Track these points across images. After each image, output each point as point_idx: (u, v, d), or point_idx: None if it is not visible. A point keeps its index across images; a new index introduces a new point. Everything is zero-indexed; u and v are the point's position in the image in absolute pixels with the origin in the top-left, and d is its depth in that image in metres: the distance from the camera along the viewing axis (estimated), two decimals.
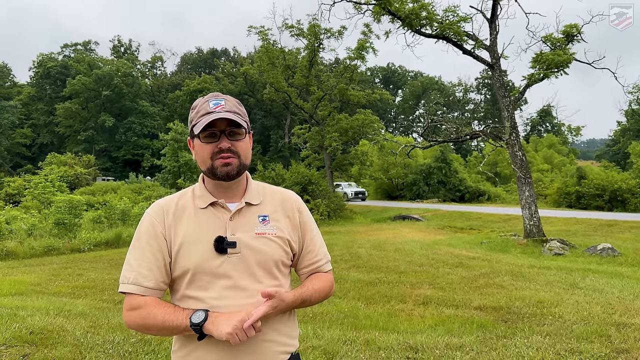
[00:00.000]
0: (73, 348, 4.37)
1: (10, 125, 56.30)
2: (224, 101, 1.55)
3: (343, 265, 10.82)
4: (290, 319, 1.62)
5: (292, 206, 1.67)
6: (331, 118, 32.38)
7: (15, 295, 8.32)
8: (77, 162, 42.88)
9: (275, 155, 57.29)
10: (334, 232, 18.68)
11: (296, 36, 31.66)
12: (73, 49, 67.31)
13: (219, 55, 75.14)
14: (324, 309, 7.01)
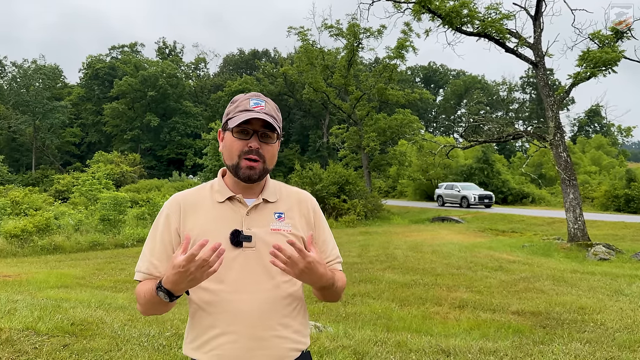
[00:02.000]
0: (110, 340, 4.51)
1: (60, 124, 58.69)
2: (264, 103, 1.57)
3: (378, 266, 10.76)
4: (301, 315, 1.61)
5: (308, 206, 1.68)
6: (369, 118, 32.23)
7: (60, 287, 8.68)
8: (123, 160, 44.32)
9: (314, 155, 57.45)
10: (371, 233, 18.59)
11: (335, 36, 31.69)
12: (120, 50, 69.57)
13: (260, 56, 76.02)
14: (357, 309, 6.99)
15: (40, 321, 5.11)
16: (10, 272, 10.83)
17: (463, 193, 30.13)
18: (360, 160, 33.70)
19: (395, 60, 31.08)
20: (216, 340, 1.50)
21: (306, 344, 1.62)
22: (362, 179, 29.93)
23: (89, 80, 65.89)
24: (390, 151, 34.70)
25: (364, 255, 12.53)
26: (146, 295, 1.46)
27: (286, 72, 38.27)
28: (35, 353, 4.16)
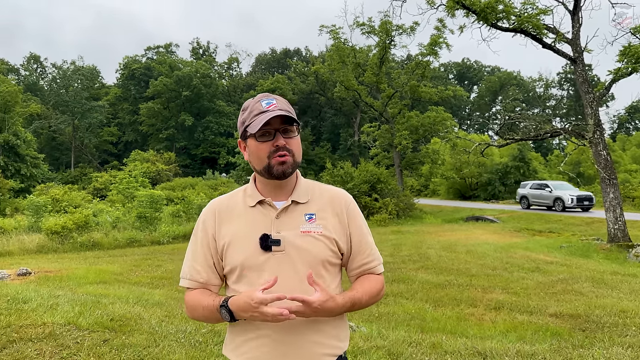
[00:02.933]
0: (148, 336, 4.62)
1: (98, 124, 60.41)
2: (276, 100, 1.57)
3: (411, 266, 10.67)
4: (339, 321, 1.60)
5: (341, 205, 1.64)
6: (401, 116, 31.93)
7: (99, 283, 8.93)
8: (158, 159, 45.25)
9: (345, 153, 57.33)
10: (403, 232, 18.43)
11: (367, 34, 31.51)
12: (155, 51, 71.00)
13: (292, 55, 76.33)
14: (390, 310, 6.95)
15: (81, 316, 5.27)
16: (52, 267, 11.21)
17: (557, 194, 25.49)
18: (392, 159, 33.45)
19: (428, 57, 30.69)
20: (249, 344, 1.53)
21: (343, 349, 1.60)
22: (394, 178, 29.70)
23: (126, 81, 67.51)
24: (422, 149, 34.31)
25: (397, 255, 12.43)
26: (206, 308, 1.52)
27: (317, 71, 38.30)
28: (76, 347, 4.29)
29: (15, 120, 44.31)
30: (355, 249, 1.63)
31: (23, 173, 40.62)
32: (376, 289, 1.63)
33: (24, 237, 15.22)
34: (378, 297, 1.66)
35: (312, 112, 67.75)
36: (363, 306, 1.62)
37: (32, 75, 68.67)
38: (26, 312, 5.40)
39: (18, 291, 6.69)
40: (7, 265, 11.17)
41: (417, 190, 44.31)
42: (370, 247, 1.67)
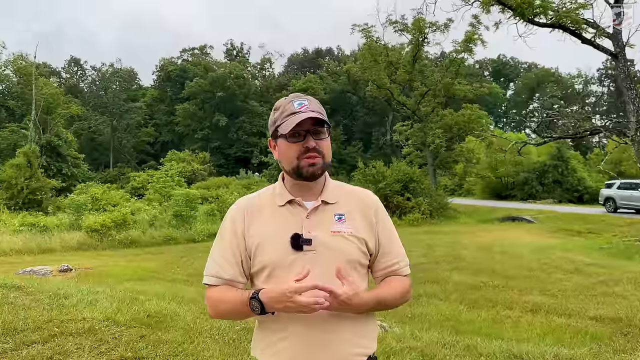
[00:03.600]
0: (183, 332, 4.70)
1: (136, 125, 61.97)
2: (308, 101, 1.57)
3: (445, 267, 10.54)
4: (368, 320, 1.59)
5: (369, 206, 1.64)
6: (435, 114, 31.54)
7: (137, 280, 9.16)
8: (193, 158, 46.07)
9: (377, 152, 56.98)
10: (436, 232, 18.22)
11: (400, 31, 31.25)
12: (191, 53, 72.21)
13: (324, 54, 76.37)
14: (423, 310, 6.88)
15: (119, 312, 5.41)
16: (91, 264, 11.58)
17: None
18: (425, 158, 33.08)
19: (463, 54, 30.24)
20: (279, 344, 1.53)
21: (372, 349, 1.59)
22: (427, 177, 29.35)
23: (162, 82, 68.96)
24: (457, 148, 33.79)
25: (430, 255, 12.30)
26: (232, 302, 1.52)
27: (349, 70, 38.21)
28: (115, 343, 4.41)
29: (57, 121, 45.90)
30: (383, 250, 1.62)
31: (64, 173, 41.99)
32: (402, 291, 1.61)
33: (65, 235, 15.75)
34: (404, 299, 1.63)
35: (343, 111, 67.64)
36: (388, 306, 1.61)
37: (73, 78, 70.92)
38: (67, 308, 5.59)
39: (59, 287, 6.93)
40: (49, 261, 11.58)
41: (451, 190, 43.62)
42: (397, 249, 1.65)
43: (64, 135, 44.72)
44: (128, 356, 4.08)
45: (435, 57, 46.73)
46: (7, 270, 9.91)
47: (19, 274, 9.43)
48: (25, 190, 25.99)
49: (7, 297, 6.04)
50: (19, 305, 5.65)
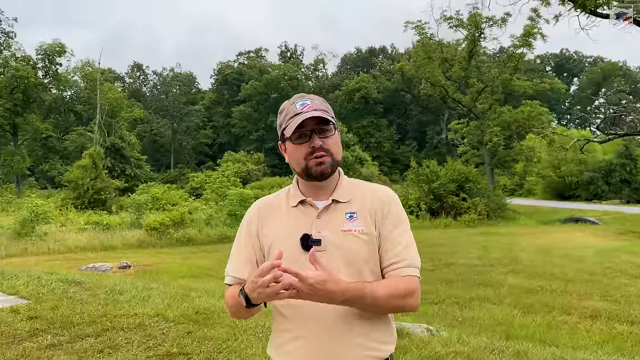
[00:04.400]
0: (228, 329, 4.77)
1: (195, 127, 63.99)
2: (310, 101, 1.55)
3: (500, 270, 10.20)
4: (382, 323, 1.54)
5: (380, 202, 1.58)
6: (492, 111, 30.57)
7: (191, 277, 9.42)
8: (248, 159, 46.97)
9: (432, 152, 55.92)
10: (493, 234, 17.66)
11: (455, 27, 30.55)
12: (246, 56, 73.76)
13: (377, 53, 75.83)
14: (475, 314, 6.67)
15: (169, 308, 5.58)
16: (150, 261, 12.03)
17: None
18: (482, 157, 32.14)
19: (522, 49, 29.14)
20: (290, 344, 1.52)
21: (388, 352, 1.55)
22: (484, 177, 28.48)
23: (219, 86, 70.81)
24: (516, 146, 32.59)
25: (485, 258, 11.95)
26: (234, 300, 1.52)
27: (402, 68, 37.73)
28: (162, 338, 4.54)
29: (121, 124, 48.13)
30: (383, 247, 1.54)
31: (128, 173, 44.00)
32: (400, 290, 1.48)
33: (127, 233, 16.45)
34: (404, 302, 1.49)
35: (397, 110, 66.89)
36: (382, 304, 1.47)
37: (136, 83, 74.10)
38: (121, 303, 5.82)
39: (116, 283, 7.23)
40: (110, 258, 12.13)
41: (510, 190, 42.15)
42: (399, 247, 1.54)
43: (128, 137, 46.84)
44: (174, 352, 4.19)
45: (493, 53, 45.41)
46: (71, 267, 10.47)
47: (82, 270, 9.94)
48: (90, 191, 27.38)
49: (67, 292, 6.37)
50: (77, 299, 5.95)
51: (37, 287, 6.59)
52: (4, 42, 51.98)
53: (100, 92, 43.62)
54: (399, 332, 4.90)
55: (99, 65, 48.19)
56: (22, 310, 5.34)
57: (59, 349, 4.21)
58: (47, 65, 47.44)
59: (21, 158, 43.06)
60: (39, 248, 13.56)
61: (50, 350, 4.19)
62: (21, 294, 6.28)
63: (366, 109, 61.44)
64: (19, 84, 43.01)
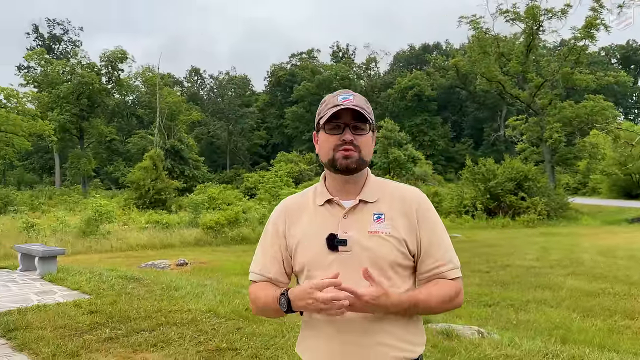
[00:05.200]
0: (277, 326, 4.85)
1: (249, 128, 65.37)
2: (352, 96, 1.53)
3: (560, 272, 9.79)
4: (411, 324, 1.52)
5: (412, 204, 1.55)
6: (552, 107, 29.32)
7: (243, 274, 9.60)
8: (301, 159, 47.42)
9: (489, 149, 54.32)
10: (553, 234, 16.96)
11: (512, 21, 29.57)
12: (299, 57, 74.53)
13: (431, 50, 74.59)
14: (531, 317, 6.44)
15: (220, 305, 5.73)
16: (205, 259, 12.38)
17: None
18: (542, 154, 30.90)
19: (584, 41, 27.79)
20: (315, 342, 1.53)
21: (417, 353, 1.52)
22: (544, 175, 27.38)
23: (273, 87, 71.93)
24: (578, 143, 31.12)
25: (544, 259, 11.51)
26: (267, 298, 1.54)
27: (457, 64, 36.88)
28: (213, 333, 4.67)
29: (180, 127, 49.87)
30: (425, 252, 1.53)
31: (186, 174, 45.56)
32: (446, 295, 1.50)
33: (184, 231, 17.01)
34: (451, 305, 1.52)
35: (452, 107, 65.49)
36: (431, 310, 1.51)
37: (194, 87, 76.51)
38: (175, 299, 6.04)
39: (172, 279, 7.51)
40: (169, 256, 12.58)
41: (572, 189, 40.31)
42: (442, 250, 1.54)
43: (186, 140, 48.48)
44: (223, 347, 4.30)
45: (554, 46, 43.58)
46: (131, 264, 10.95)
47: (141, 267, 10.38)
48: (151, 191, 28.52)
49: (126, 288, 6.68)
50: (134, 295, 6.23)
51: (98, 283, 6.95)
52: (70, 50, 55.18)
53: (159, 97, 45.42)
54: (448, 333, 4.82)
55: (158, 70, 50.24)
56: (83, 305, 5.65)
57: (116, 342, 4.42)
58: (110, 72, 49.90)
59: (87, 160, 45.53)
60: (103, 246, 14.26)
61: (108, 343, 4.41)
62: (83, 289, 6.65)
63: (419, 107, 60.55)
64: (84, 90, 45.48)
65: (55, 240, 13.87)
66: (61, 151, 49.27)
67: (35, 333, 4.64)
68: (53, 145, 45.58)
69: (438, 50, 73.98)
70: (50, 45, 56.80)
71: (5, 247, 12.16)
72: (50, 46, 56.55)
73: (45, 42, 56.72)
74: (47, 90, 45.44)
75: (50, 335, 4.57)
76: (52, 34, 57.29)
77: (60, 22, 57.26)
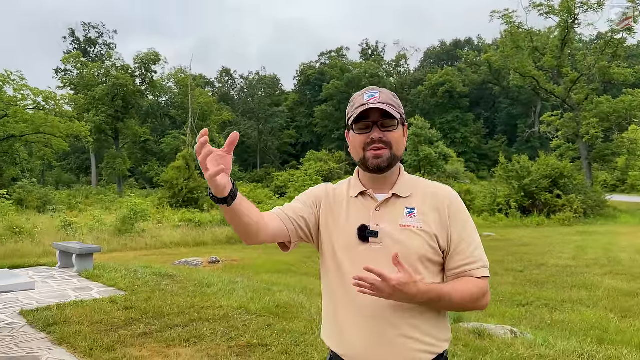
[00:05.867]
0: (307, 323, 4.88)
1: (279, 127, 65.76)
2: (379, 93, 1.55)
3: (597, 271, 9.55)
4: (437, 319, 1.52)
5: (443, 201, 1.56)
6: (589, 102, 28.49)
7: (274, 272, 9.72)
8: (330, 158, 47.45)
9: (522, 146, 53.11)
10: (590, 233, 16.51)
11: (545, 14, 28.85)
12: (328, 56, 74.48)
13: (462, 45, 73.39)
14: (566, 317, 6.30)
15: (251, 302, 5.81)
16: (237, 257, 12.56)
17: None
18: (578, 151, 30.07)
19: (621, 34, 26.87)
20: (343, 331, 1.54)
21: (442, 348, 1.53)
22: (581, 172, 26.64)
23: (302, 86, 72.13)
24: (616, 139, 30.14)
25: (580, 258, 11.24)
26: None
27: (489, 59, 36.21)
28: (244, 329, 4.74)
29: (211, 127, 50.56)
30: (454, 249, 1.53)
31: None
32: (473, 293, 1.49)
33: (216, 230, 17.26)
34: (477, 304, 1.51)
35: (485, 104, 64.32)
36: (454, 306, 1.50)
37: (224, 87, 77.45)
38: (208, 296, 6.15)
39: (205, 277, 7.65)
40: (201, 253, 12.81)
41: (611, 186, 39.05)
42: (472, 248, 1.53)
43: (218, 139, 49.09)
44: (254, 342, 4.36)
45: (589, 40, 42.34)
46: (165, 261, 11.19)
47: (175, 265, 10.59)
48: (184, 190, 29.03)
49: (160, 284, 6.84)
50: (168, 291, 6.36)
51: (133, 279, 7.13)
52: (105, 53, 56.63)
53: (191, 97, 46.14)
54: (481, 332, 4.76)
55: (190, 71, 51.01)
56: (119, 301, 5.81)
57: (150, 337, 4.53)
58: (143, 73, 51.01)
59: (122, 161, 46.69)
60: (137, 244, 14.60)
61: (142, 338, 4.52)
62: (119, 285, 6.83)
63: (451, 104, 59.70)
64: (119, 91, 46.62)
65: (92, 238, 14.29)
66: (97, 152, 50.64)
67: (73, 328, 4.80)
68: (89, 146, 46.87)
69: (470, 46, 72.74)
70: (86, 48, 58.36)
71: (44, 245, 12.58)
72: (86, 49, 58.11)
73: (81, 45, 58.31)
74: (83, 93, 46.78)
75: (87, 330, 4.72)
76: (87, 38, 58.86)
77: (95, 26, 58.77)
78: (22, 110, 32.44)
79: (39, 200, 27.56)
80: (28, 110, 33.45)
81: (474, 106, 62.47)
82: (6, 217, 15.29)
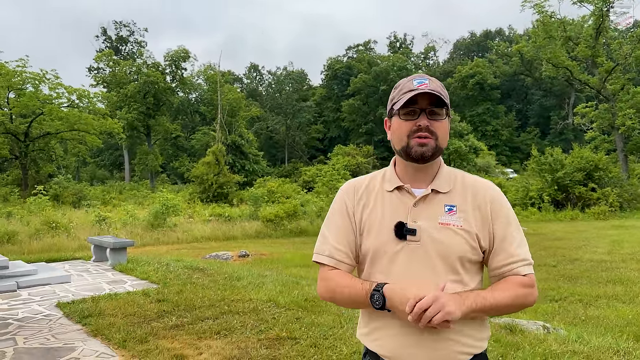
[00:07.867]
0: (335, 317, 4.90)
1: (307, 122, 65.88)
2: (428, 81, 1.48)
3: (633, 266, 9.29)
4: (475, 321, 1.48)
5: (485, 198, 1.49)
6: (625, 92, 27.54)
7: (302, 266, 9.76)
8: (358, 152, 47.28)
9: (556, 138, 51.87)
10: (626, 227, 16.03)
11: (579, 3, 27.96)
12: (355, 50, 74.12)
13: (493, 36, 72.01)
14: (601, 313, 6.15)
15: (280, 295, 5.86)
16: (265, 251, 12.66)
17: None
18: (614, 143, 29.16)
19: None
20: (380, 331, 1.49)
21: (481, 348, 1.49)
22: (617, 164, 25.84)
23: (329, 81, 72.01)
24: None
25: (615, 253, 10.93)
26: (354, 290, 1.46)
27: (521, 50, 35.38)
28: (273, 322, 4.79)
29: (240, 123, 51.02)
30: (497, 248, 1.48)
31: (247, 169, 46.64)
32: (518, 295, 1.44)
33: (246, 224, 17.46)
34: (525, 302, 1.47)
35: (516, 95, 63.01)
36: (502, 311, 1.46)
37: (253, 83, 78.04)
38: (237, 289, 6.23)
39: (235, 270, 7.75)
40: (231, 247, 12.97)
41: None
42: (515, 245, 1.48)
43: (246, 135, 49.57)
44: (283, 335, 4.40)
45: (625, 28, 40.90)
46: (196, 255, 11.38)
47: (205, 258, 10.76)
48: (214, 185, 29.45)
49: (191, 277, 6.96)
50: (199, 285, 6.48)
51: (165, 273, 7.28)
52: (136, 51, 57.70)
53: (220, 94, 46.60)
54: (512, 328, 4.69)
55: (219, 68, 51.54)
56: (151, 294, 5.95)
57: (182, 329, 4.63)
58: (174, 71, 51.80)
59: (154, 157, 47.59)
60: (169, 238, 14.89)
61: (174, 330, 4.62)
62: (152, 279, 6.99)
63: (481, 96, 58.69)
64: (150, 88, 47.46)
65: (125, 232, 14.63)
66: (130, 148, 51.74)
67: (107, 320, 4.94)
68: (122, 143, 47.88)
69: (500, 37, 71.31)
70: (118, 46, 59.55)
71: (79, 239, 12.95)
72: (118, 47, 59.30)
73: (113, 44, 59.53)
74: (116, 90, 47.78)
75: (121, 322, 4.85)
76: (119, 36, 60.03)
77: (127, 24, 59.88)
78: (57, 108, 33.33)
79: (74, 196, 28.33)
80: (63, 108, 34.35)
81: (505, 98, 61.28)
82: (43, 213, 15.80)
